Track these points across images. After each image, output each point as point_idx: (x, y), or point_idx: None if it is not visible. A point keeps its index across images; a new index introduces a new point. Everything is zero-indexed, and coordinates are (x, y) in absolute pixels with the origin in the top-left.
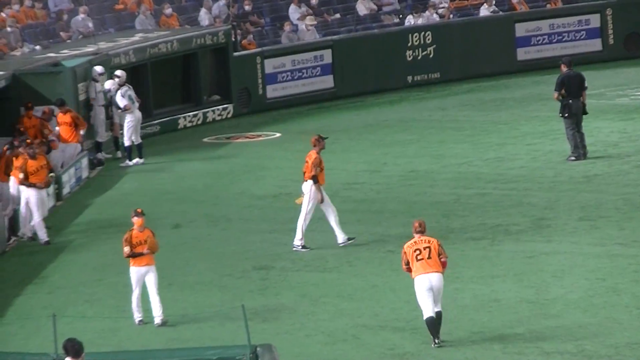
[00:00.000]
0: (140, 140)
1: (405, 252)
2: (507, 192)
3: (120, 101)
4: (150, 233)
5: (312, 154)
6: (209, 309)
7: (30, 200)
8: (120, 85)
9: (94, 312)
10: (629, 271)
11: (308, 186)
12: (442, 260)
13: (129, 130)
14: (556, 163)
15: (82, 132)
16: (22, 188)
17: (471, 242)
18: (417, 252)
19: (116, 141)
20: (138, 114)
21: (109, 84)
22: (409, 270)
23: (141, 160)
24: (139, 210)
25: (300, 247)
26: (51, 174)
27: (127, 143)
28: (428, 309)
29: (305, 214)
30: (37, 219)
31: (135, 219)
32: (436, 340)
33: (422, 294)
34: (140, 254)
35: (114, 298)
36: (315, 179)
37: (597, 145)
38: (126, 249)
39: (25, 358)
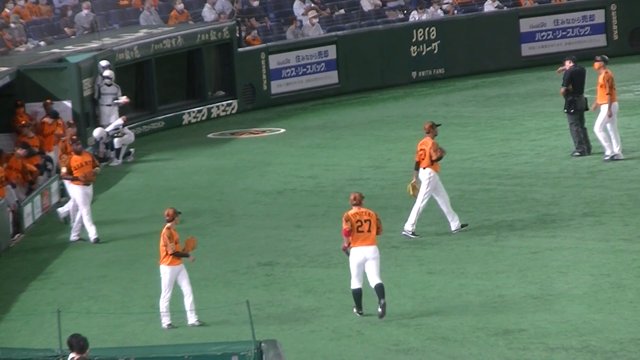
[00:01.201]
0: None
1: (350, 219)
2: (511, 188)
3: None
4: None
5: (428, 141)
6: (213, 304)
7: (75, 198)
8: (109, 86)
9: (98, 308)
10: (633, 267)
11: (426, 173)
12: (380, 233)
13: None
14: (561, 159)
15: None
16: (66, 183)
17: (476, 238)
18: (359, 223)
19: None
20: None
21: (97, 133)
22: (348, 235)
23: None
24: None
25: (411, 233)
26: (96, 168)
27: (117, 145)
28: (356, 282)
29: (423, 201)
30: (84, 215)
31: (177, 218)
32: (361, 312)
33: (355, 266)
34: (187, 255)
35: (118, 294)
36: (435, 161)
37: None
38: (171, 247)
39: (30, 354)
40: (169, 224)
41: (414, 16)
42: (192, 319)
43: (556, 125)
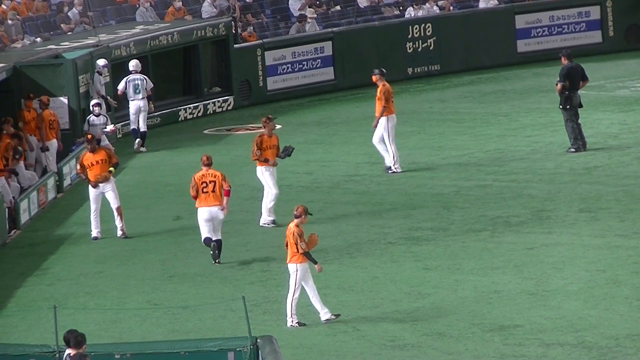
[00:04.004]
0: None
1: (196, 182)
2: (507, 184)
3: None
4: None
5: None
6: (209, 300)
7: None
8: (97, 116)
9: (95, 304)
10: (629, 262)
11: None
12: (226, 188)
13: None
14: (556, 155)
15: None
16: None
17: (471, 234)
18: (204, 184)
19: None
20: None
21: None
22: (195, 197)
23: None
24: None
25: None
26: (110, 169)
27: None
28: (205, 232)
29: None
30: (91, 212)
31: (305, 218)
32: (217, 260)
33: (202, 223)
34: (315, 262)
35: (115, 290)
36: None
37: (597, 137)
38: (303, 245)
39: (26, 350)
40: (296, 220)
41: (410, 12)
42: (326, 315)
43: (552, 122)
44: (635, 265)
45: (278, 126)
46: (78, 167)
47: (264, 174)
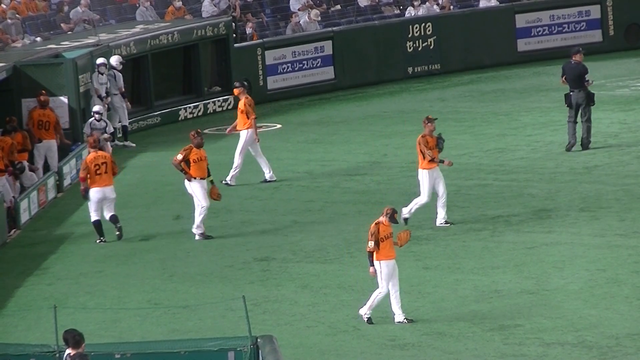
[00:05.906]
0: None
1: (87, 165)
2: (507, 183)
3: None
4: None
5: None
6: (209, 300)
7: (194, 192)
8: (98, 121)
9: (95, 303)
10: (629, 262)
11: None
12: (115, 171)
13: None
14: (556, 154)
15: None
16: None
17: (472, 233)
18: (97, 167)
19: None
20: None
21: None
22: (84, 180)
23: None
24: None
25: None
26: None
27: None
28: (94, 215)
29: None
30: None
31: (385, 219)
32: (102, 239)
33: (94, 203)
34: (371, 264)
35: (115, 289)
36: None
37: (597, 136)
38: (371, 244)
39: (26, 349)
40: (380, 218)
41: (410, 11)
42: (399, 317)
43: (552, 121)
44: (636, 264)
45: (277, 126)
46: (180, 156)
47: (425, 177)
